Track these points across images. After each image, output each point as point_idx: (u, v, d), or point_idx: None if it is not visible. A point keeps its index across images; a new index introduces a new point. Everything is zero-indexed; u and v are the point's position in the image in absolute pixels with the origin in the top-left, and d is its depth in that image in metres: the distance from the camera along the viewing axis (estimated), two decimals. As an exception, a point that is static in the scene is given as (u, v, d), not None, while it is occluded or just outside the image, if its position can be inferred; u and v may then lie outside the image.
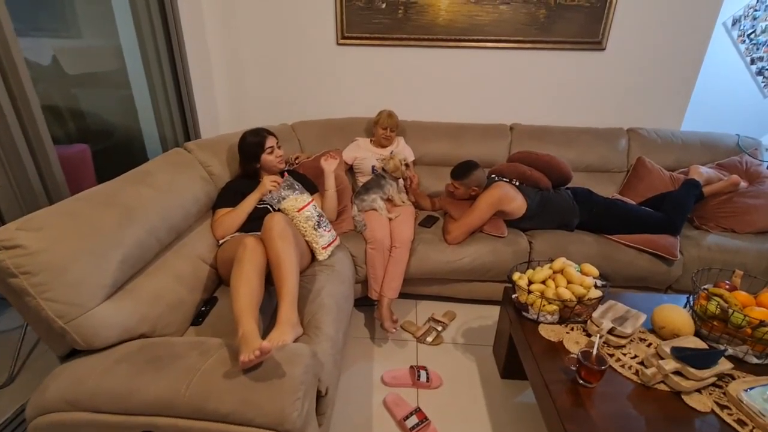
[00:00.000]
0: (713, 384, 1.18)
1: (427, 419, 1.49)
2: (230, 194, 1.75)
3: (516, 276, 1.56)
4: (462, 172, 2.04)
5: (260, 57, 2.59)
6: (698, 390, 1.16)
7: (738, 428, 1.05)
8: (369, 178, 2.22)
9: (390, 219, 2.06)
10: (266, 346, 0.99)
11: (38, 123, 1.38)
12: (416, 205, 2.31)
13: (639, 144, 2.47)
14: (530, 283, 1.52)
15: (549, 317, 1.45)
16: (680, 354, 1.17)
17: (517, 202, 2.01)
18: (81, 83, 1.79)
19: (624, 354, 1.30)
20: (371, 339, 1.95)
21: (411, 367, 1.72)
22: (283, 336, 1.20)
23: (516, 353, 1.52)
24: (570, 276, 1.49)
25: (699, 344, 1.27)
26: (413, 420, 1.48)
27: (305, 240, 1.69)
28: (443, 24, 2.44)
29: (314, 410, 1.13)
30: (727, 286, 1.43)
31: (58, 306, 1.01)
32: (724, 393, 1.15)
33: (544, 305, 1.43)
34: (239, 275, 1.27)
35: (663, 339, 1.35)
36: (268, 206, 1.75)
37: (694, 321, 1.36)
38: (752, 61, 2.95)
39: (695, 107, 2.76)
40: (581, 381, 1.18)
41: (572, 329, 1.43)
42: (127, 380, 1.00)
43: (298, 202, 1.70)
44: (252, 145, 1.80)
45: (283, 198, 1.76)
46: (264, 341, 1.02)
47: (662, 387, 1.18)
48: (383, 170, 2.17)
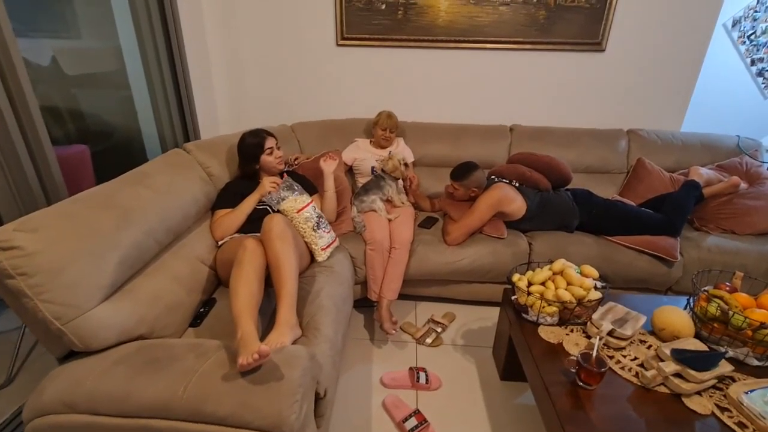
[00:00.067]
0: (713, 386, 1.18)
1: (427, 421, 1.49)
2: (229, 195, 1.75)
3: (515, 277, 1.56)
4: (462, 173, 2.04)
5: (260, 58, 2.59)
6: (698, 392, 1.16)
7: (738, 431, 1.04)
8: (368, 179, 2.22)
9: (389, 220, 2.05)
10: (265, 350, 0.99)
11: (37, 124, 1.38)
12: (416, 206, 2.31)
13: (639, 145, 2.47)
14: (530, 285, 1.52)
15: (549, 319, 1.44)
16: (680, 356, 1.17)
17: (517, 204, 2.01)
18: (80, 84, 1.79)
19: (624, 356, 1.30)
20: (370, 340, 1.94)
21: (410, 369, 1.72)
22: (282, 338, 1.20)
23: (516, 355, 1.52)
24: (570, 277, 1.48)
25: (699, 346, 1.26)
26: (412, 422, 1.47)
27: (304, 241, 1.68)
28: (443, 25, 2.44)
29: (313, 412, 1.13)
30: (728, 288, 1.42)
31: (56, 307, 1.00)
32: (725, 395, 1.15)
33: (544, 307, 1.43)
34: (239, 277, 1.27)
35: (663, 341, 1.35)
36: (268, 207, 1.74)
37: (695, 323, 1.36)
38: (752, 63, 2.94)
39: (695, 108, 2.76)
40: (581, 383, 1.18)
41: (572, 331, 1.42)
42: (125, 382, 1.00)
43: (298, 203, 1.70)
44: (251, 146, 1.80)
45: (283, 199, 1.76)
46: (262, 344, 1.02)
47: (662, 389, 1.17)
48: (382, 171, 2.16)
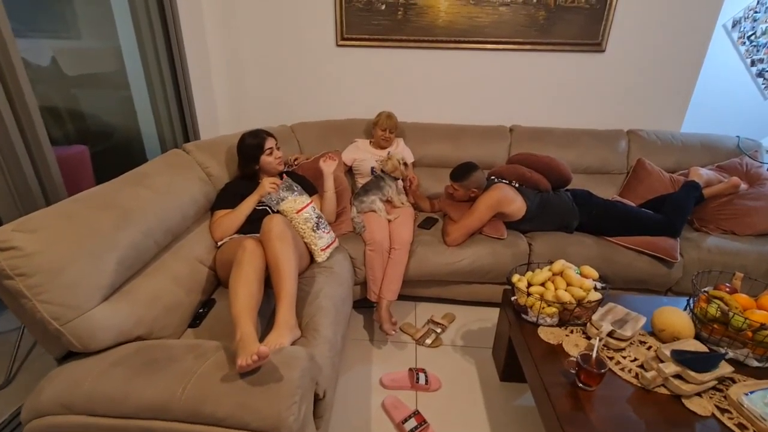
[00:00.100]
0: (714, 387, 1.18)
1: (426, 422, 1.48)
2: (229, 196, 1.74)
3: (515, 278, 1.56)
4: (461, 174, 2.04)
5: (260, 58, 2.59)
6: (698, 393, 1.15)
7: (738, 432, 1.04)
8: (368, 180, 2.22)
9: (389, 220, 2.05)
10: (264, 351, 0.98)
11: (36, 124, 1.38)
12: (415, 207, 2.31)
13: (639, 146, 2.47)
14: (529, 286, 1.52)
15: (548, 320, 1.44)
16: (680, 357, 1.17)
17: (517, 204, 2.00)
18: (80, 84, 1.79)
19: (624, 357, 1.29)
20: (370, 341, 1.94)
21: (410, 370, 1.71)
22: (281, 339, 1.20)
23: (515, 356, 1.52)
24: (569, 278, 1.48)
25: (699, 347, 1.26)
26: (412, 423, 1.47)
27: (304, 242, 1.68)
28: (443, 25, 2.44)
29: (312, 413, 1.13)
30: (728, 289, 1.42)
31: (54, 308, 1.00)
32: (725, 396, 1.14)
33: (544, 308, 1.43)
34: (238, 277, 1.26)
35: (663, 342, 1.35)
36: (267, 208, 1.74)
37: (695, 324, 1.35)
38: (752, 63, 2.94)
39: (695, 109, 2.76)
40: (581, 384, 1.17)
41: (572, 332, 1.42)
42: (123, 383, 1.00)
43: (297, 204, 1.70)
44: (251, 147, 1.80)
45: (282, 199, 1.75)
46: (262, 345, 1.02)
47: (662, 390, 1.17)
48: (382, 171, 2.16)
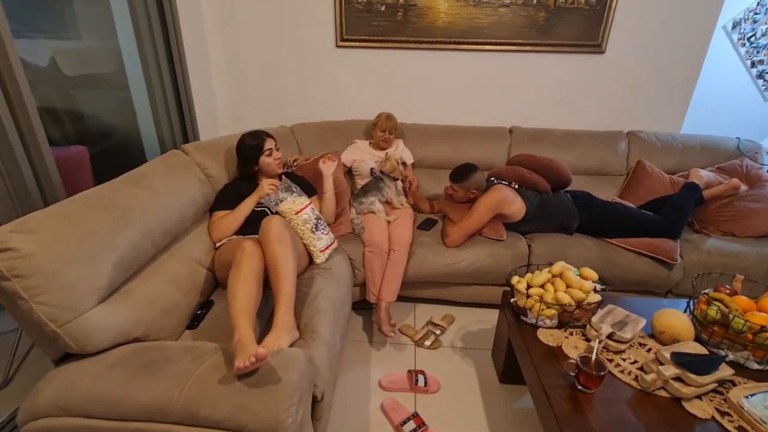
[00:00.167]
0: (714, 390, 1.17)
1: (425, 424, 1.48)
2: (228, 197, 1.74)
3: (515, 280, 1.55)
4: (461, 175, 2.04)
5: (259, 58, 2.59)
6: (698, 396, 1.15)
7: (739, 435, 1.04)
8: (368, 181, 2.21)
9: (388, 222, 2.05)
10: (262, 353, 0.98)
11: (34, 125, 1.37)
12: (415, 208, 2.30)
13: (639, 147, 2.46)
14: (529, 287, 1.51)
15: (548, 321, 1.43)
16: (680, 359, 1.16)
17: (516, 206, 2.00)
18: (79, 85, 1.78)
19: (623, 359, 1.29)
20: (369, 342, 1.94)
21: (409, 372, 1.71)
22: (279, 340, 1.19)
23: (515, 358, 1.51)
24: (569, 280, 1.48)
25: (699, 350, 1.25)
26: (411, 425, 1.47)
27: (303, 243, 1.68)
28: (442, 26, 2.43)
29: (310, 416, 1.12)
30: (728, 291, 1.41)
31: (51, 309, 1.00)
32: (725, 399, 1.14)
33: (543, 309, 1.42)
34: (237, 279, 1.26)
35: (663, 344, 1.34)
36: (266, 209, 1.74)
37: (695, 326, 1.35)
38: (752, 65, 2.94)
39: (695, 110, 2.75)
40: (580, 386, 1.17)
41: (571, 334, 1.42)
42: (120, 385, 0.99)
43: (296, 205, 1.69)
44: (250, 148, 1.80)
45: (281, 200, 1.75)
46: (259, 347, 1.01)
47: (662, 393, 1.17)
48: (381, 172, 2.16)
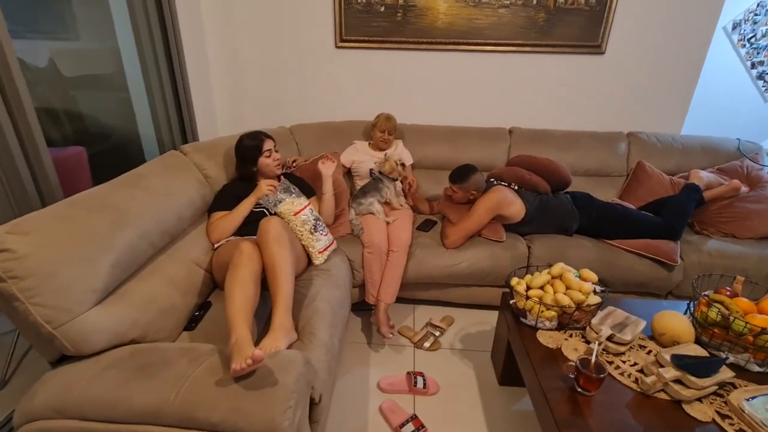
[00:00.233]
0: (714, 393, 1.16)
1: (424, 426, 1.47)
2: (226, 197, 1.74)
3: (514, 281, 1.54)
4: (460, 176, 2.03)
5: (259, 59, 2.58)
6: (699, 399, 1.14)
7: (739, 439, 1.03)
8: (367, 182, 2.21)
9: (387, 223, 2.04)
10: (259, 355, 0.97)
11: (32, 125, 1.37)
12: (414, 209, 2.30)
13: (639, 148, 2.46)
14: (528, 289, 1.51)
15: (547, 323, 1.43)
16: (680, 362, 1.15)
17: (516, 207, 1.99)
18: (78, 86, 1.78)
19: (623, 361, 1.28)
20: (368, 344, 1.93)
21: (408, 373, 1.70)
22: (277, 342, 1.19)
23: (514, 360, 1.50)
24: (569, 281, 1.47)
25: (699, 352, 1.25)
26: (410, 427, 1.46)
27: (301, 244, 1.67)
28: (442, 27, 2.43)
29: (307, 418, 1.12)
30: (728, 293, 1.41)
31: (47, 311, 0.99)
32: (726, 402, 1.13)
33: (543, 311, 1.42)
34: (234, 280, 1.25)
35: (663, 346, 1.33)
36: (265, 210, 1.73)
37: (695, 328, 1.34)
38: (752, 66, 2.94)
39: (695, 111, 2.75)
40: (579, 389, 1.16)
41: (571, 336, 1.41)
42: (116, 388, 0.99)
43: (295, 206, 1.69)
44: (249, 148, 1.79)
45: (280, 201, 1.74)
46: (257, 349, 1.00)
47: (662, 395, 1.16)
48: (380, 173, 2.15)
